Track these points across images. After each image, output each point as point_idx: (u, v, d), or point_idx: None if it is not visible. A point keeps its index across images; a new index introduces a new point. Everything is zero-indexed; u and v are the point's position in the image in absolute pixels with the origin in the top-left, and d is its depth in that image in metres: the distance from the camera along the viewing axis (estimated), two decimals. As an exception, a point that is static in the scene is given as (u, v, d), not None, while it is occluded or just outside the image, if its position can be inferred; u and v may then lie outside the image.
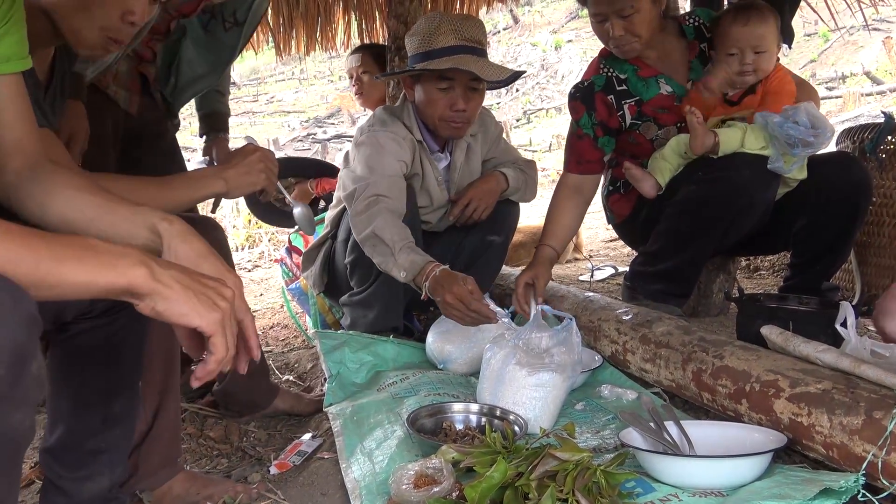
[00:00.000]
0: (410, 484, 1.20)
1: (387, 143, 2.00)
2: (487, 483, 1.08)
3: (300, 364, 2.33)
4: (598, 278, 3.12)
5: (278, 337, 2.81)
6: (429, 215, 2.19)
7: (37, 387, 0.72)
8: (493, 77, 1.89)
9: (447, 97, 1.95)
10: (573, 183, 2.10)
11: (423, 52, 1.93)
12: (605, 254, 3.79)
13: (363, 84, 3.24)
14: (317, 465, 1.48)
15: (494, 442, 1.27)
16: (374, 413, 1.61)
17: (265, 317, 3.19)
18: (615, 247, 3.96)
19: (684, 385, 1.55)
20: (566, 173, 2.13)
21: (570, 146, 2.13)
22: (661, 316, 1.78)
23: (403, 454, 1.39)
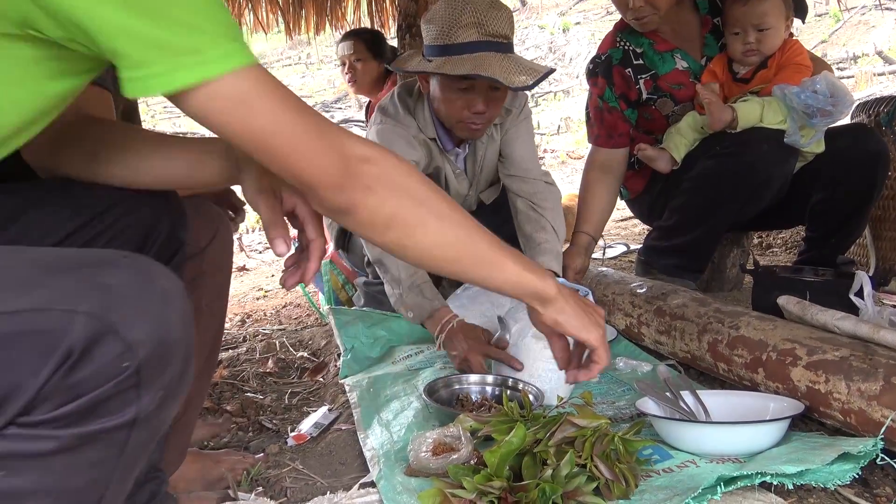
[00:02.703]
0: (429, 452, 1.21)
1: (396, 142, 1.84)
2: (506, 448, 1.08)
3: (313, 341, 2.32)
4: (610, 256, 3.10)
5: (291, 315, 2.81)
6: None
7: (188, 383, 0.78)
8: (518, 83, 1.61)
9: (466, 98, 1.73)
10: (603, 160, 2.07)
11: (441, 45, 1.68)
12: (617, 233, 3.76)
13: (356, 71, 3.20)
14: (334, 436, 1.48)
15: (512, 410, 1.26)
16: (390, 385, 1.61)
17: (277, 297, 3.19)
18: (626, 226, 3.93)
19: (700, 356, 1.55)
20: (596, 149, 2.10)
21: (599, 121, 2.10)
22: (675, 289, 1.77)
23: (421, 424, 1.39)
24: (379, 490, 1.16)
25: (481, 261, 0.88)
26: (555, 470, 1.06)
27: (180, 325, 0.72)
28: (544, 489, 1.03)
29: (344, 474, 1.31)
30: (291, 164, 0.77)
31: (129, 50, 0.66)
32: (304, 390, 1.90)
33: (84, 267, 0.70)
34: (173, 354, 0.72)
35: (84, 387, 0.67)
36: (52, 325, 0.65)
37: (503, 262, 0.89)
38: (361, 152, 0.81)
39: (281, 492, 1.26)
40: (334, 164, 0.79)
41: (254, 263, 4.29)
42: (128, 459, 0.73)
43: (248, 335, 2.52)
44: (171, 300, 0.72)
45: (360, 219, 0.83)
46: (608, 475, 1.07)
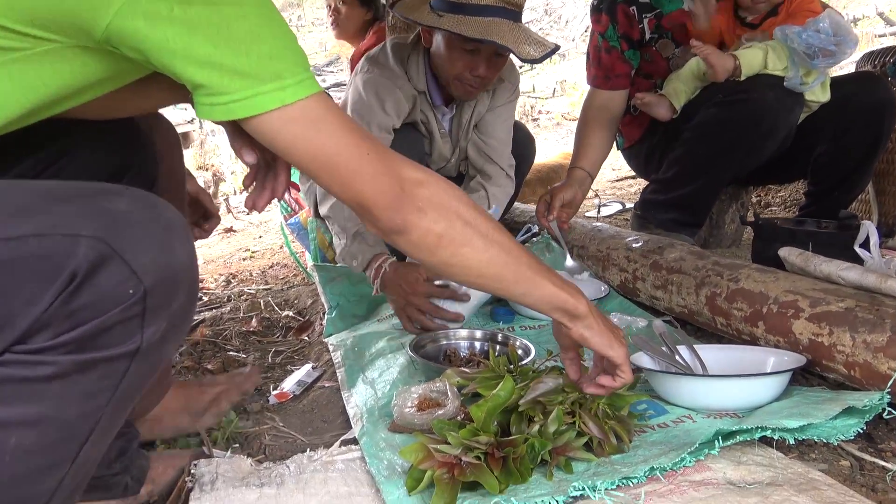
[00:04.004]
0: (413, 407, 1.17)
1: (381, 90, 1.82)
2: (494, 402, 1.04)
3: (300, 300, 2.28)
4: (604, 214, 3.05)
5: (278, 276, 2.77)
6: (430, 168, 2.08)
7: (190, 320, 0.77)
8: (530, 55, 1.63)
9: (469, 59, 1.74)
10: (601, 101, 2.01)
11: (457, 2, 1.66)
12: (612, 193, 3.71)
13: (340, 15, 3.10)
14: (317, 394, 1.45)
15: (499, 365, 1.23)
16: (376, 343, 1.58)
17: (264, 257, 3.15)
18: (622, 186, 3.88)
19: (697, 310, 1.50)
20: (593, 91, 2.03)
21: (596, 61, 2.02)
22: (672, 242, 1.73)
23: (406, 381, 1.36)
24: (361, 447, 1.13)
25: (522, 279, 0.92)
26: (542, 426, 1.03)
27: (186, 256, 0.72)
28: (533, 444, 0.99)
29: (326, 432, 1.28)
30: (352, 185, 0.81)
31: (214, 81, 0.71)
32: (288, 349, 1.86)
33: (87, 195, 0.69)
34: (180, 285, 0.71)
35: (87, 313, 0.66)
36: (55, 249, 0.65)
37: (542, 281, 0.93)
38: (415, 176, 0.86)
39: (259, 449, 1.22)
40: (391, 186, 0.83)
41: (241, 225, 4.24)
42: (123, 393, 0.72)
43: (232, 295, 2.48)
44: (176, 230, 0.72)
45: (413, 238, 0.86)
46: (596, 433, 1.03)
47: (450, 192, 0.88)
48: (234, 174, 5.34)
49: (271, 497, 0.99)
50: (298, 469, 1.07)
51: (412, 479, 0.95)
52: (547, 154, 3.87)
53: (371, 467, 1.04)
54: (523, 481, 0.95)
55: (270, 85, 0.73)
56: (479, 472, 0.93)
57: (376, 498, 0.98)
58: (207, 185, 5.13)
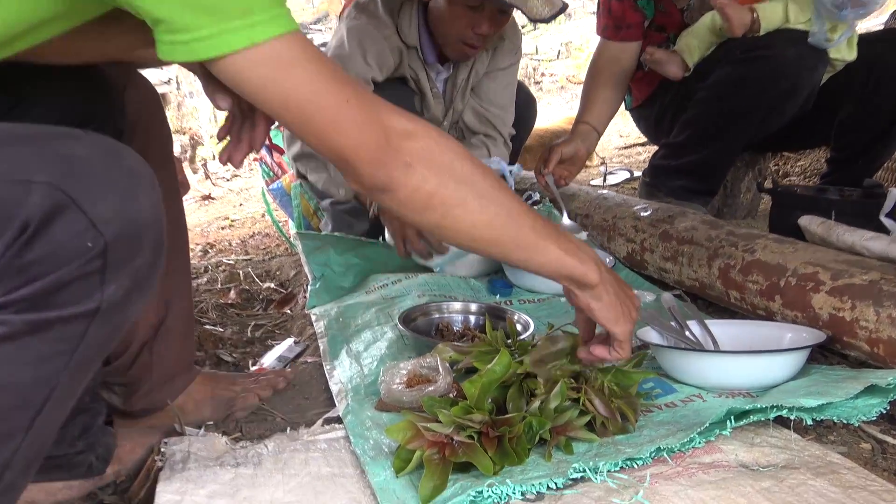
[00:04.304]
0: (402, 383, 1.16)
1: (364, 39, 1.80)
2: (489, 378, 1.02)
3: (282, 271, 2.27)
4: (611, 182, 3.04)
5: (259, 245, 2.77)
6: None
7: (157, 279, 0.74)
8: (539, 14, 1.62)
9: (472, 16, 1.72)
10: (611, 54, 1.97)
11: None
12: (620, 161, 3.69)
13: None
14: (299, 370, 1.44)
15: (496, 339, 1.21)
16: (362, 314, 1.57)
17: (245, 226, 3.14)
18: (630, 154, 3.86)
19: (709, 284, 1.49)
20: (603, 42, 2.00)
21: (606, 9, 1.99)
22: (684, 211, 1.71)
23: (394, 356, 1.35)
24: (345, 426, 1.12)
25: (523, 243, 0.89)
26: (543, 402, 1.01)
27: (150, 208, 0.70)
28: (531, 423, 0.98)
29: (308, 409, 1.27)
30: (330, 136, 0.77)
31: (175, 15, 0.67)
32: (268, 323, 1.86)
33: (41, 138, 0.66)
34: (143, 239, 0.69)
35: (41, 268, 0.63)
36: (4, 196, 0.62)
37: (545, 245, 0.90)
38: (404, 126, 0.82)
39: (235, 427, 1.21)
40: (375, 138, 0.79)
41: (220, 192, 4.22)
42: (81, 358, 0.69)
43: (209, 266, 2.47)
44: (140, 179, 0.69)
45: (399, 197, 0.83)
46: (602, 411, 1.02)
47: (443, 145, 0.84)
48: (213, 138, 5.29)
49: (247, 478, 0.97)
50: (278, 449, 1.06)
51: (400, 460, 0.94)
52: (550, 119, 3.85)
53: (356, 447, 1.03)
54: (520, 462, 0.94)
55: (238, 21, 0.68)
56: (472, 452, 0.92)
57: (361, 479, 0.97)
58: (185, 149, 5.10)
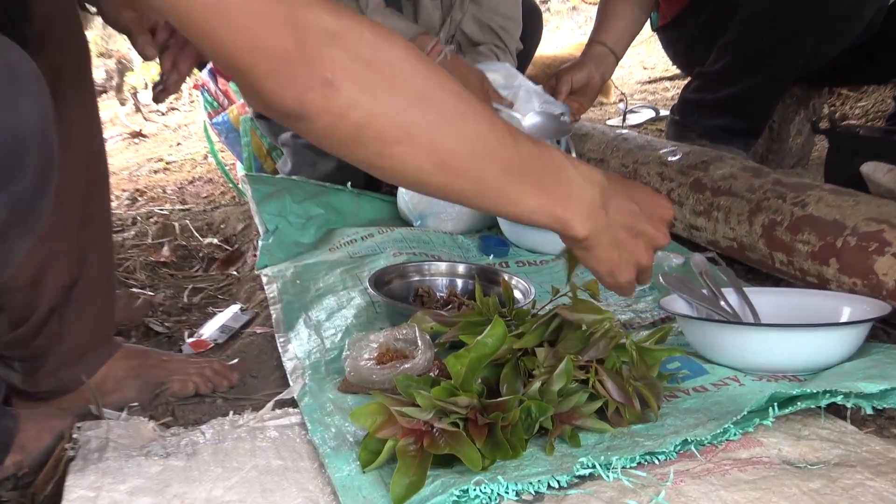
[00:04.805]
0: (372, 359, 1.16)
1: None
2: (478, 353, 1.01)
3: (227, 224, 2.27)
4: (632, 123, 3.03)
5: (200, 193, 2.77)
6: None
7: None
8: None
9: None
10: None
11: None
12: (643, 98, 3.69)
13: None
14: (246, 343, 1.45)
15: (488, 307, 1.20)
16: (324, 275, 1.57)
17: (182, 169, 3.14)
18: (655, 89, 3.86)
19: (750, 244, 1.49)
20: None
21: None
22: (720, 155, 1.71)
23: (363, 326, 1.35)
24: (301, 409, 1.11)
25: (489, 190, 0.86)
26: (544, 384, 1.00)
27: (35, 117, 0.67)
28: (529, 408, 0.97)
29: (256, 390, 1.27)
30: (214, 32, 0.70)
31: None
32: (210, 286, 1.87)
33: None
34: (24, 158, 0.67)
35: None
36: None
37: (519, 193, 0.87)
38: (325, 25, 0.73)
39: (165, 411, 1.21)
40: (280, 40, 0.71)
41: (153, 128, 4.20)
42: None
43: (139, 217, 2.47)
44: (22, 81, 0.67)
45: (317, 128, 0.76)
46: (617, 396, 1.01)
47: (384, 51, 0.76)
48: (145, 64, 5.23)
49: (179, 471, 0.96)
50: (217, 436, 1.05)
51: (367, 452, 0.94)
52: (558, 45, 3.83)
53: (314, 436, 1.03)
54: (515, 456, 0.93)
55: None
56: (457, 442, 0.90)
57: (319, 474, 0.96)
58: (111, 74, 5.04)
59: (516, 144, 0.86)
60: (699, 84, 2.02)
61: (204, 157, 3.23)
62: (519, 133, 0.87)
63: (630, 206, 0.97)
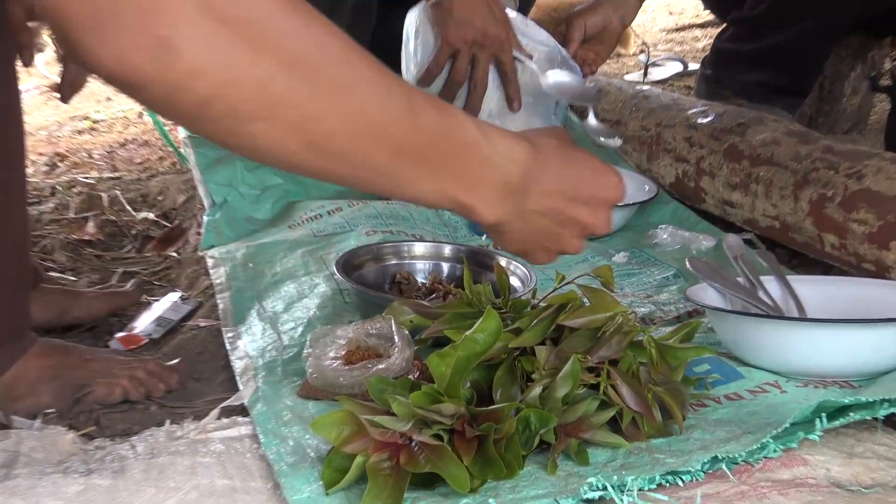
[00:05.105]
0: (339, 359, 1.16)
1: None
2: (467, 350, 1.00)
3: (166, 196, 2.27)
4: (656, 77, 3.04)
5: (133, 158, 2.76)
6: None
7: None
8: None
9: None
10: None
11: None
12: (668, 48, 3.71)
13: None
14: (187, 339, 1.46)
15: (479, 297, 1.20)
16: (283, 258, 1.58)
17: (113, 130, 3.13)
18: (683, 39, 3.88)
19: (795, 224, 1.51)
20: None
21: None
22: (761, 117, 1.72)
23: (329, 318, 1.36)
24: (253, 419, 1.11)
25: (375, 174, 0.87)
26: (546, 389, 1.01)
27: None
28: (527, 418, 0.97)
29: (198, 395, 1.28)
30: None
31: None
32: (145, 270, 1.88)
33: None
34: None
35: None
36: None
37: (414, 178, 0.88)
38: None
39: (89, 419, 1.21)
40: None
41: (78, 80, 4.18)
42: None
43: (58, 186, 2.45)
44: None
45: (151, 99, 0.73)
46: (634, 404, 1.02)
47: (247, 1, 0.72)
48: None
49: (103, 491, 0.96)
50: (150, 450, 1.05)
51: (332, 469, 0.94)
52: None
53: (267, 450, 1.03)
54: (510, 475, 0.93)
55: None
56: (440, 459, 0.90)
57: (273, 496, 0.96)
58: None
59: (415, 119, 0.85)
60: (736, 32, 2.04)
61: (139, 114, 3.20)
62: (425, 104, 0.87)
63: (562, 188, 0.99)
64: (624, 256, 1.63)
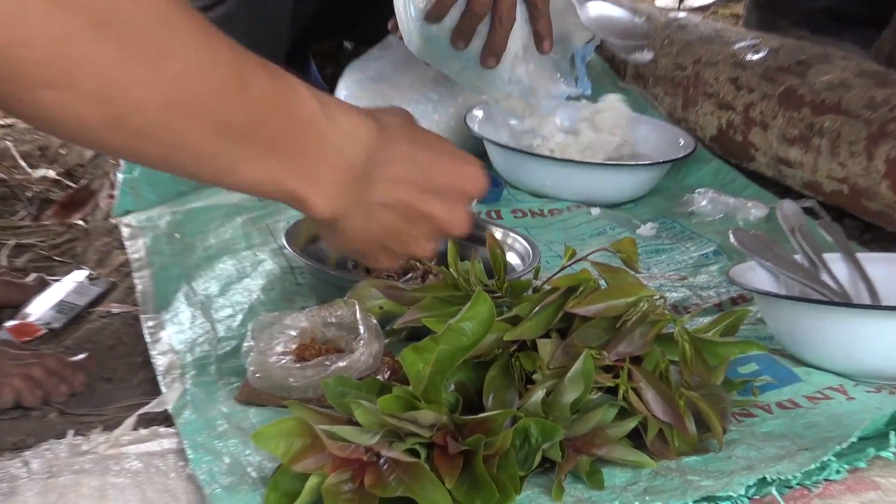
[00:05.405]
0: (289, 354, 1.17)
1: None
2: (451, 344, 1.01)
3: (70, 149, 2.28)
4: (694, 3, 3.07)
5: None
6: None
7: None
8: None
9: None
10: None
11: None
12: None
13: None
14: (96, 329, 1.47)
15: (465, 278, 1.20)
16: (218, 226, 1.59)
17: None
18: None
19: (868, 188, 1.52)
20: None
21: None
22: (826, 53, 1.73)
23: (277, 304, 1.37)
24: (178, 429, 1.12)
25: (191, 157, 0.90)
26: (551, 394, 1.01)
27: None
28: (526, 430, 0.97)
29: (110, 400, 1.28)
30: None
31: None
32: (43, 242, 1.90)
33: None
34: None
35: None
36: None
37: (236, 161, 0.92)
38: None
39: None
40: None
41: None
42: None
43: None
44: None
45: None
46: (661, 413, 1.02)
47: None
48: None
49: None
50: (48, 468, 1.06)
51: (279, 493, 0.95)
52: None
53: (197, 469, 1.03)
54: (505, 501, 0.94)
55: None
56: (416, 480, 0.91)
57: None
58: None
59: (244, 90, 0.87)
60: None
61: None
62: (260, 73, 0.90)
63: (412, 176, 1.03)
64: (652, 228, 1.64)
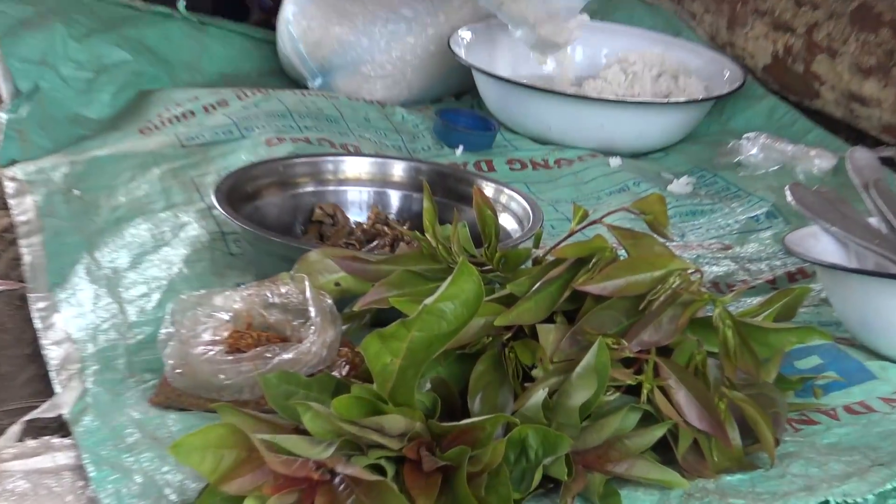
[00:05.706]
0: (219, 343, 1.17)
1: None
2: (427, 330, 1.01)
3: None
4: None
5: None
6: None
7: None
8: None
9: None
10: None
11: None
12: None
13: None
14: None
15: (448, 245, 1.20)
16: (130, 180, 1.60)
17: None
18: None
19: None
20: None
21: None
22: None
23: (203, 279, 1.38)
24: (77, 440, 1.13)
25: None
26: (556, 395, 1.02)
27: None
28: (524, 440, 0.98)
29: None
30: None
31: None
32: None
33: None
34: None
35: None
36: None
37: None
38: None
39: None
40: None
41: None
42: None
43: None
44: None
45: None
46: (696, 420, 1.02)
47: None
48: None
49: None
50: None
51: None
52: None
53: (100, 490, 1.03)
54: (496, 530, 0.95)
55: None
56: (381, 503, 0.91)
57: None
58: None
59: None
60: None
61: None
62: None
63: None
64: (687, 183, 1.66)
